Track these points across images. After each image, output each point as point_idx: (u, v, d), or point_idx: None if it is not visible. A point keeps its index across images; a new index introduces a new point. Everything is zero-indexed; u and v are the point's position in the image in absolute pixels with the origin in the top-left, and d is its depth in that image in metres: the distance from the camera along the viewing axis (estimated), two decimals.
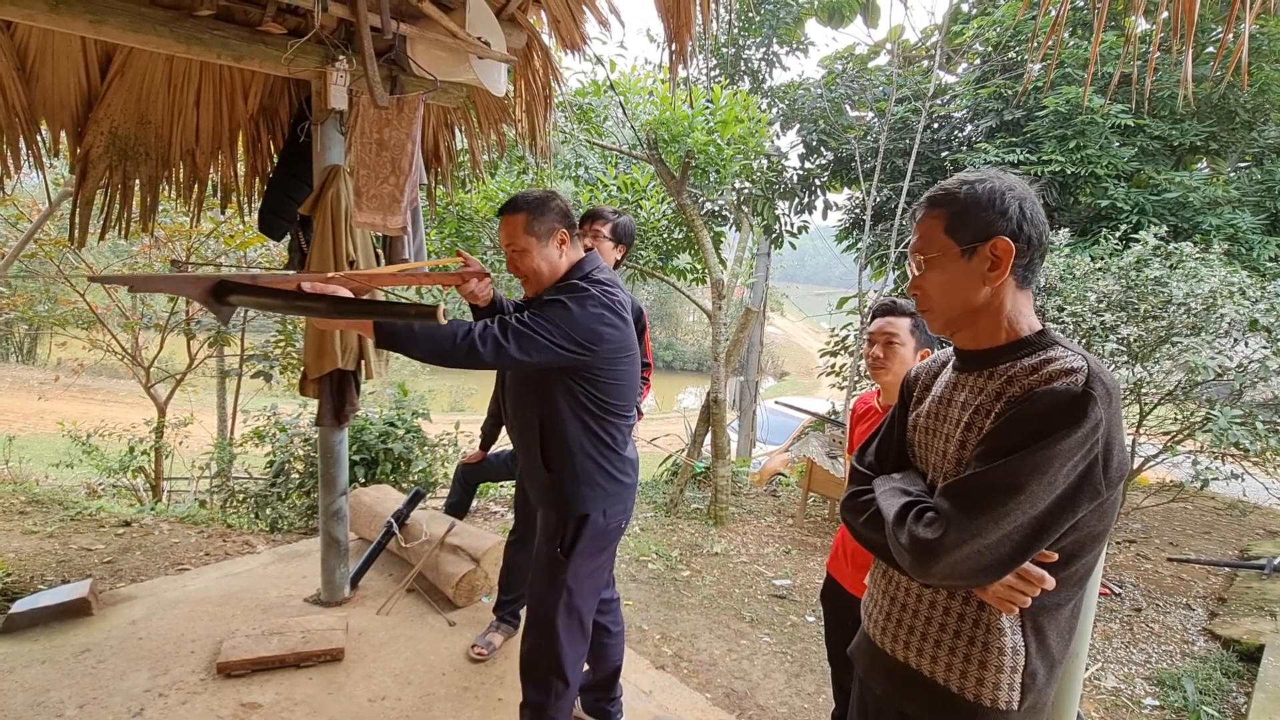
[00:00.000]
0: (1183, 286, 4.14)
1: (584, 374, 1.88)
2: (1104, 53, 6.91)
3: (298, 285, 1.62)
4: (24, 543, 3.89)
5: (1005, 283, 1.13)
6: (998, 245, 1.11)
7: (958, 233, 1.14)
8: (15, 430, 10.09)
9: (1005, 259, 1.11)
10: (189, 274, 1.84)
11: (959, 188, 1.15)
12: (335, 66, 2.64)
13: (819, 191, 9.25)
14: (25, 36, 2.73)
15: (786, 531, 5.17)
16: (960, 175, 1.17)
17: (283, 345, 6.17)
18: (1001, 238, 1.11)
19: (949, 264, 1.15)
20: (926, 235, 1.17)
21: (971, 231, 1.13)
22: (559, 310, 1.81)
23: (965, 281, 1.14)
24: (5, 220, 5.22)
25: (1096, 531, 1.10)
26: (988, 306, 1.15)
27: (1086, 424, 1.00)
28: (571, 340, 1.80)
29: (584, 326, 1.82)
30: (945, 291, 1.17)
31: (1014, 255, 1.11)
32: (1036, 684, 1.13)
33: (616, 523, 2.03)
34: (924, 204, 1.19)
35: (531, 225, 1.89)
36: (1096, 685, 3.25)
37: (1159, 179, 6.69)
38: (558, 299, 1.84)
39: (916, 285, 1.20)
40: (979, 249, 1.12)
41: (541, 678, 2.00)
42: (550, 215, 1.92)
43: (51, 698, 2.34)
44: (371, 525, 3.57)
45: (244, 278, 1.64)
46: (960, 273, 1.14)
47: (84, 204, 3.11)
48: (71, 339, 7.07)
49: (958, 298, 1.16)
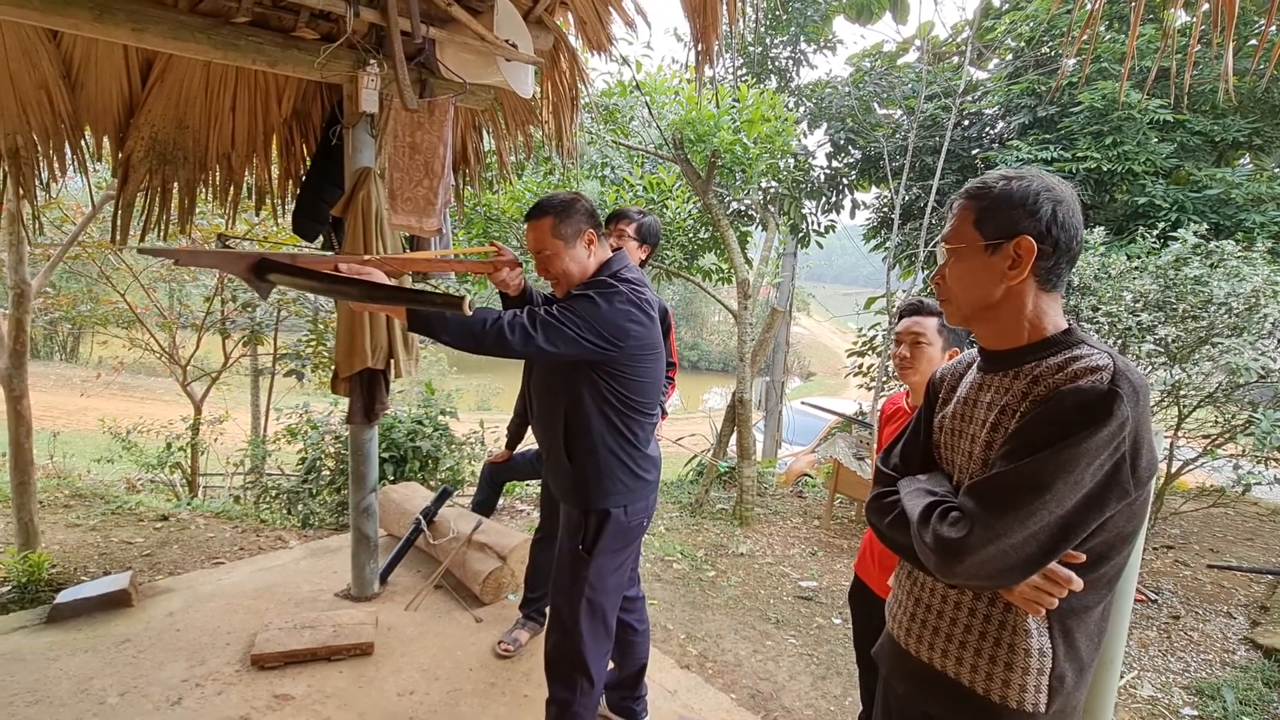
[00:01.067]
0: (1224, 286, 4.02)
1: (609, 369, 1.90)
2: (1141, 46, 6.73)
3: (334, 266, 1.67)
4: (68, 535, 4.02)
5: (1025, 283, 1.12)
6: (1020, 244, 1.10)
7: (984, 227, 1.14)
8: (59, 426, 10.42)
9: (1026, 259, 1.10)
10: (233, 250, 1.91)
11: (997, 183, 1.14)
12: (366, 70, 2.69)
13: (846, 190, 9.15)
14: (70, 45, 2.82)
15: (813, 533, 5.14)
16: (1003, 171, 1.16)
17: (314, 344, 6.28)
18: (1026, 237, 1.10)
19: (971, 256, 1.15)
20: (956, 226, 1.18)
21: (997, 227, 1.12)
22: (587, 305, 1.83)
23: (984, 276, 1.14)
24: (51, 223, 5.40)
25: (1126, 532, 1.08)
26: (1006, 304, 1.14)
27: (1113, 422, 0.98)
28: (598, 335, 1.81)
29: (611, 322, 1.83)
30: (964, 283, 1.18)
31: (1036, 256, 1.10)
32: (1065, 687, 1.11)
33: (638, 520, 2.04)
34: (962, 195, 1.19)
35: (559, 228, 1.91)
36: (1132, 694, 3.17)
37: (1200, 175, 6.49)
38: (586, 294, 1.86)
39: (940, 274, 1.21)
40: (1003, 246, 1.12)
41: (566, 675, 2.02)
42: (577, 217, 1.93)
43: (94, 685, 2.41)
44: (400, 522, 3.62)
45: (284, 257, 1.69)
46: (980, 267, 1.14)
47: (125, 207, 3.21)
48: (112, 338, 7.28)
49: (975, 291, 1.16)
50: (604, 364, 1.89)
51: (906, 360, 1.92)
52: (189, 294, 7.74)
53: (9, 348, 3.51)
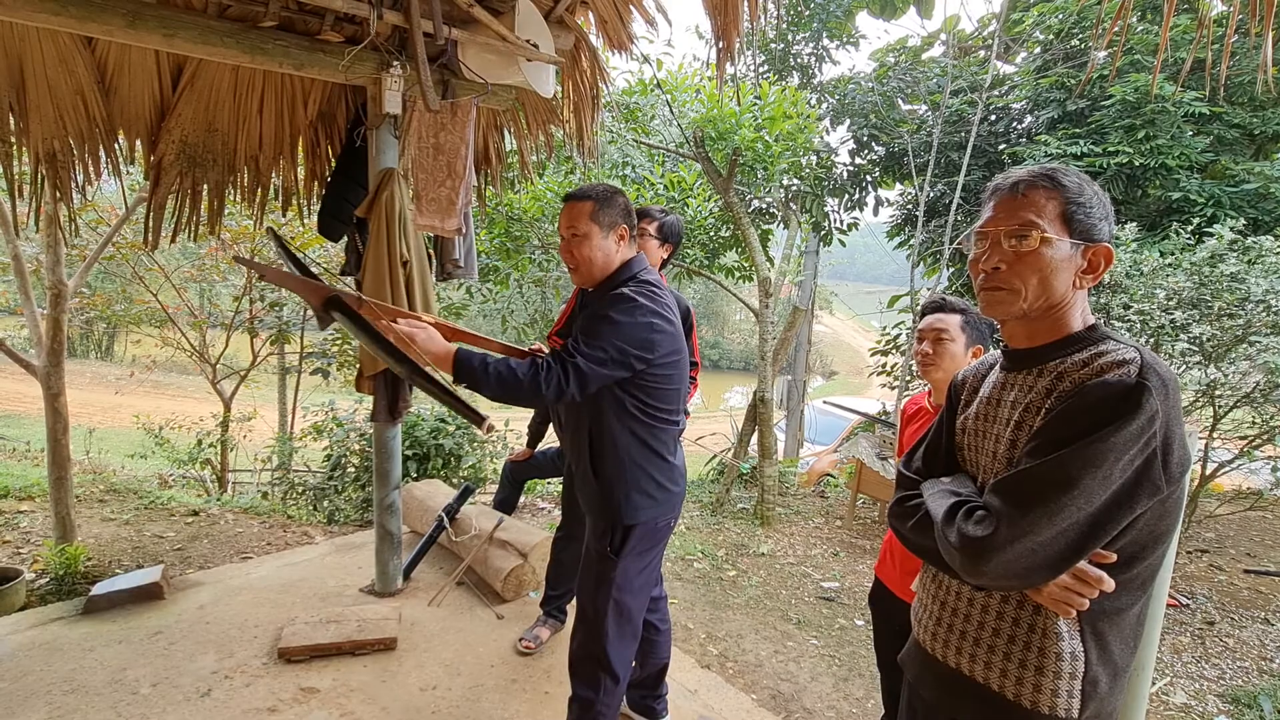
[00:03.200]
0: (1262, 283, 3.91)
1: (634, 381, 1.89)
2: (1176, 37, 6.57)
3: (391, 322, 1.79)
4: (103, 529, 4.12)
5: (1085, 289, 1.11)
6: (1103, 252, 1.09)
7: (1073, 223, 1.09)
8: (95, 423, 10.72)
9: (1103, 268, 1.09)
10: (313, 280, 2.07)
11: (1079, 180, 1.10)
12: (390, 72, 2.71)
13: (870, 187, 9.06)
14: (104, 52, 2.89)
15: (835, 533, 5.09)
16: (1060, 166, 1.12)
17: (340, 344, 6.38)
18: (1107, 245, 1.09)
19: (1052, 249, 1.08)
20: (1038, 212, 1.08)
21: (1087, 228, 1.09)
22: (608, 328, 1.82)
23: (1061, 274, 1.09)
24: (87, 225, 5.53)
25: (1158, 531, 1.05)
26: (1062, 304, 1.11)
27: (1141, 416, 0.96)
28: (625, 355, 1.82)
29: (636, 338, 1.82)
30: (1041, 277, 1.09)
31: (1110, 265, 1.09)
32: (1099, 692, 1.08)
33: (666, 522, 2.04)
34: (1041, 177, 1.10)
35: (597, 214, 1.91)
36: (1165, 701, 3.10)
37: (1236, 170, 6.32)
38: (606, 314, 1.84)
39: (1003, 258, 1.11)
40: (1087, 249, 1.09)
41: (590, 674, 2.02)
42: (615, 209, 1.94)
43: (128, 676, 2.48)
44: (423, 519, 3.66)
45: (352, 299, 1.82)
46: (1060, 262, 1.09)
47: (157, 209, 3.28)
48: (145, 337, 7.46)
49: (1048, 288, 1.09)
50: (629, 377, 1.88)
51: (929, 357, 1.90)
52: (219, 294, 7.89)
53: (47, 346, 3.61)
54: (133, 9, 2.29)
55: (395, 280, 2.78)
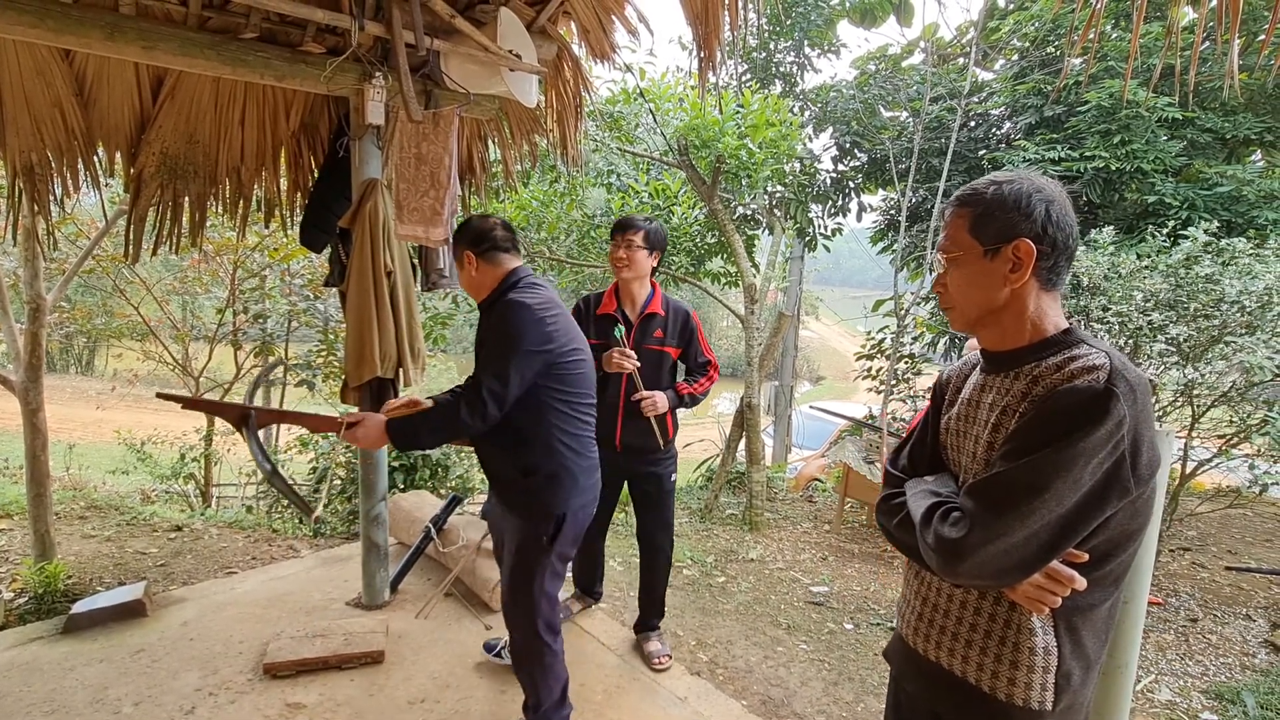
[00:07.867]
0: (1236, 284, 3.98)
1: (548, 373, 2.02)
2: (1148, 44, 6.70)
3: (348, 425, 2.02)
4: (84, 546, 4.06)
5: (1028, 284, 1.13)
6: (1020, 247, 1.11)
7: (981, 232, 1.15)
8: (75, 438, 10.54)
9: (1027, 261, 1.11)
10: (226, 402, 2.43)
11: (987, 188, 1.15)
12: (372, 83, 2.72)
13: (853, 193, 9.13)
14: (83, 63, 2.87)
15: (823, 538, 5.11)
16: (991, 175, 1.17)
17: (325, 355, 6.32)
18: (1024, 240, 1.11)
19: (971, 263, 1.16)
20: (952, 234, 1.19)
21: (994, 232, 1.13)
22: (499, 340, 1.98)
23: (987, 281, 1.15)
24: (66, 238, 5.47)
25: (1130, 530, 1.08)
26: (1009, 307, 1.15)
27: (1109, 421, 0.99)
28: (526, 355, 1.96)
29: (537, 334, 1.98)
30: (967, 290, 1.18)
31: (1036, 257, 1.11)
32: (1071, 685, 1.12)
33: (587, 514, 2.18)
34: (953, 203, 1.20)
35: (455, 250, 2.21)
36: (1149, 698, 3.13)
37: (1210, 173, 6.44)
38: (496, 327, 2.02)
39: (940, 283, 1.22)
40: (1002, 249, 1.13)
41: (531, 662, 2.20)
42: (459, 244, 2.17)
43: (110, 695, 2.44)
44: (410, 530, 3.63)
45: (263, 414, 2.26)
46: (982, 272, 1.15)
47: (137, 221, 3.25)
48: (126, 350, 7.37)
49: (979, 297, 1.17)
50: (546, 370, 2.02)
51: None
52: (202, 306, 7.81)
53: (25, 361, 3.56)
54: (112, 21, 2.28)
55: (379, 291, 2.78)
